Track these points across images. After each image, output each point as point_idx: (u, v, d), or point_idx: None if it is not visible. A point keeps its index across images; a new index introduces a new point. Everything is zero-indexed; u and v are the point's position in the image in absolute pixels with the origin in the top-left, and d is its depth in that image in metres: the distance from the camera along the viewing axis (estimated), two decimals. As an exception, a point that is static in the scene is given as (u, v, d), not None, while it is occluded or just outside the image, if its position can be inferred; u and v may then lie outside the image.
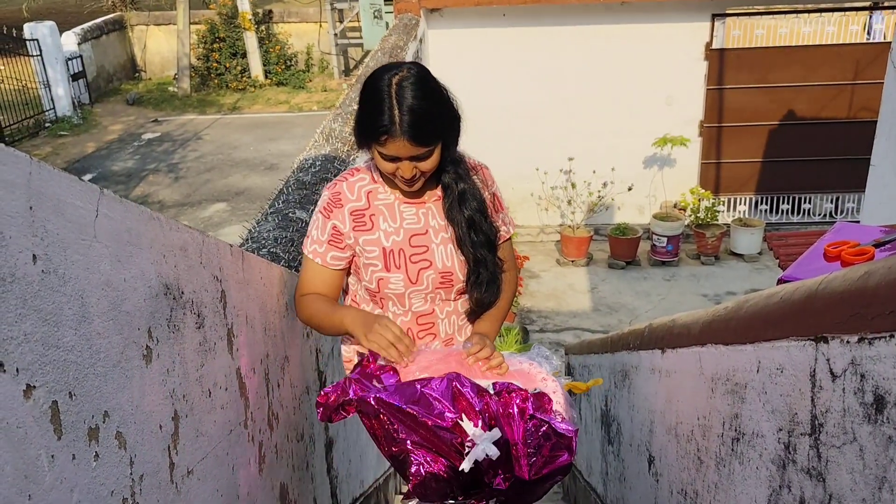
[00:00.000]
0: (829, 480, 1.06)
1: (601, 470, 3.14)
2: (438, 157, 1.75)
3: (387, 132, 1.66)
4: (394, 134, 1.65)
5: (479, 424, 1.57)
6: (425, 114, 1.65)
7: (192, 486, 1.31)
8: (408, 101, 1.64)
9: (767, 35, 8.01)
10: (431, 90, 1.69)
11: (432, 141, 1.70)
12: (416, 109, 1.64)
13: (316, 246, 1.87)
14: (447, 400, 1.58)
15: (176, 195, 9.99)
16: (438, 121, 1.70)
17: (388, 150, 1.69)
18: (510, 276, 2.02)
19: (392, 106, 1.64)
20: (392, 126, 1.65)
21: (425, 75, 1.70)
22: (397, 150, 1.68)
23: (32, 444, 0.84)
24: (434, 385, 1.60)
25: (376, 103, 1.66)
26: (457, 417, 1.56)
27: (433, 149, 1.72)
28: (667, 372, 1.95)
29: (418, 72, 1.70)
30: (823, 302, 1.06)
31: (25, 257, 0.84)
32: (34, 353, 0.85)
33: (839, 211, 8.60)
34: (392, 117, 1.64)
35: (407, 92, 1.64)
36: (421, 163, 1.72)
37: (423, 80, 1.68)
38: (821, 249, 2.02)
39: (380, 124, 1.66)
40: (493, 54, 8.12)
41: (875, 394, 0.93)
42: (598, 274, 7.96)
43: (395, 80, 1.66)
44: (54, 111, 12.66)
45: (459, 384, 1.59)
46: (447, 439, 1.57)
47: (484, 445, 1.54)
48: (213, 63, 14.57)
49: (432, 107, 1.68)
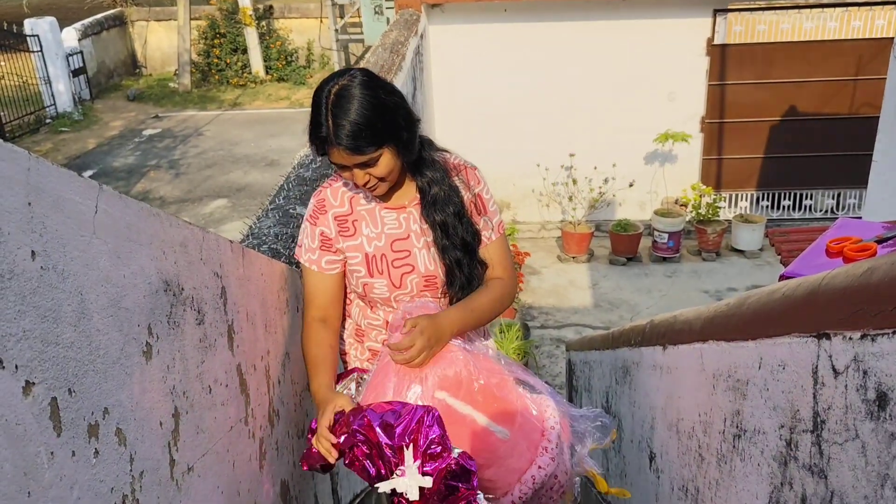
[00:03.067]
0: (830, 477, 1.05)
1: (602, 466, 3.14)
2: (392, 161, 1.73)
3: (325, 142, 1.69)
4: (330, 143, 1.68)
5: (418, 462, 1.56)
6: (360, 123, 1.65)
7: (192, 482, 1.30)
8: (342, 110, 1.65)
9: (769, 31, 7.99)
10: (371, 97, 1.67)
11: (370, 149, 1.68)
12: (351, 120, 1.65)
13: (309, 254, 1.89)
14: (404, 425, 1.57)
15: (177, 191, 9.98)
16: (376, 130, 1.68)
17: (332, 158, 1.72)
18: (501, 282, 1.93)
19: (328, 117, 1.67)
20: (327, 136, 1.67)
21: (367, 83, 1.69)
22: (339, 158, 1.71)
23: (32, 441, 0.84)
24: (404, 410, 1.59)
25: (316, 114, 1.69)
26: (405, 444, 1.56)
27: (376, 156, 1.70)
28: (668, 368, 1.95)
29: (361, 80, 1.69)
30: (826, 298, 1.05)
31: (24, 253, 0.84)
32: (33, 350, 0.85)
33: (841, 207, 8.58)
34: (327, 127, 1.67)
35: (343, 101, 1.66)
36: (371, 169, 1.72)
37: (362, 87, 1.68)
38: (823, 245, 2.02)
39: (318, 135, 1.69)
40: (495, 50, 8.11)
41: (878, 390, 0.93)
42: (599, 270, 7.95)
43: (334, 90, 1.68)
44: (55, 107, 12.65)
45: (427, 418, 1.57)
46: (387, 456, 1.57)
47: (411, 482, 1.54)
48: (214, 59, 14.55)
49: (369, 116, 1.66)
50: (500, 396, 1.76)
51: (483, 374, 1.76)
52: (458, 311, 1.82)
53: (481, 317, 1.88)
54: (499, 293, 1.92)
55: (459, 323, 1.79)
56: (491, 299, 1.89)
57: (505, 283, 1.95)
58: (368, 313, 1.98)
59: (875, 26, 7.82)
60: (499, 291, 1.92)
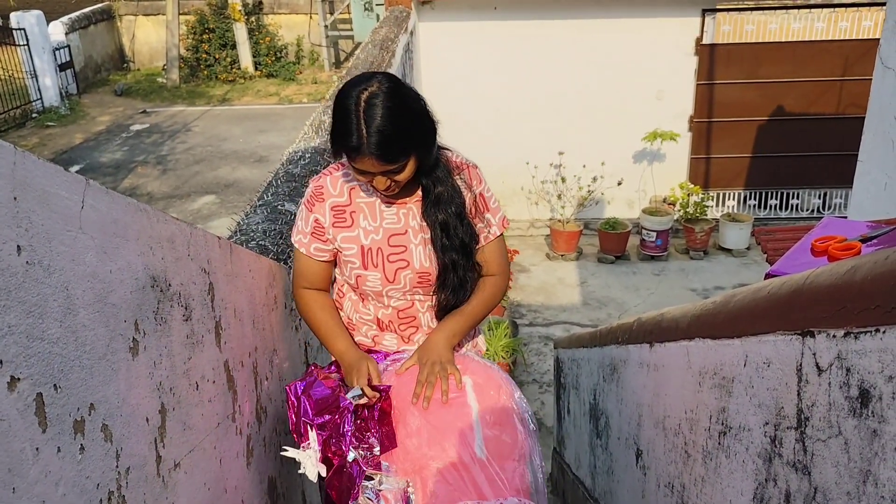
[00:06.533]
0: (814, 474, 1.06)
1: (589, 463, 3.15)
2: (414, 166, 1.73)
3: (356, 152, 1.65)
4: (362, 153, 1.64)
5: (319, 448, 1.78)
6: (393, 133, 1.63)
7: (179, 479, 1.30)
8: (375, 120, 1.61)
9: (757, 30, 8.03)
10: (400, 106, 1.65)
11: (401, 158, 1.67)
12: (383, 130, 1.62)
13: (301, 236, 1.91)
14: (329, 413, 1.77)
15: (165, 187, 9.93)
16: (408, 138, 1.67)
17: (358, 165, 1.69)
18: (493, 280, 1.97)
19: (360, 126, 1.62)
20: (360, 146, 1.63)
21: (395, 90, 1.66)
22: (367, 167, 1.68)
23: (17, 437, 0.83)
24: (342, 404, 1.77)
25: (345, 122, 1.64)
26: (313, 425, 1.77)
27: (404, 164, 1.70)
28: (655, 366, 1.96)
29: (389, 87, 1.65)
30: (810, 296, 1.06)
31: (9, 248, 0.83)
32: (18, 346, 0.84)
33: (827, 206, 8.64)
34: (360, 137, 1.62)
35: (375, 111, 1.61)
36: (395, 175, 1.71)
37: (391, 95, 1.64)
38: (808, 244, 2.03)
39: (348, 144, 1.64)
40: (484, 47, 8.11)
41: (860, 388, 0.94)
42: (587, 268, 7.97)
43: (363, 97, 1.62)
44: (41, 101, 12.55)
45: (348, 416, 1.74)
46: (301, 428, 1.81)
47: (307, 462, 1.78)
48: (203, 54, 14.47)
49: (401, 124, 1.64)
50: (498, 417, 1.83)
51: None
52: (455, 325, 1.92)
53: (475, 320, 1.97)
54: (489, 292, 1.97)
55: (456, 338, 1.92)
56: (483, 299, 1.96)
57: (496, 280, 1.98)
58: (360, 307, 1.98)
59: (862, 27, 7.88)
60: (489, 290, 1.97)
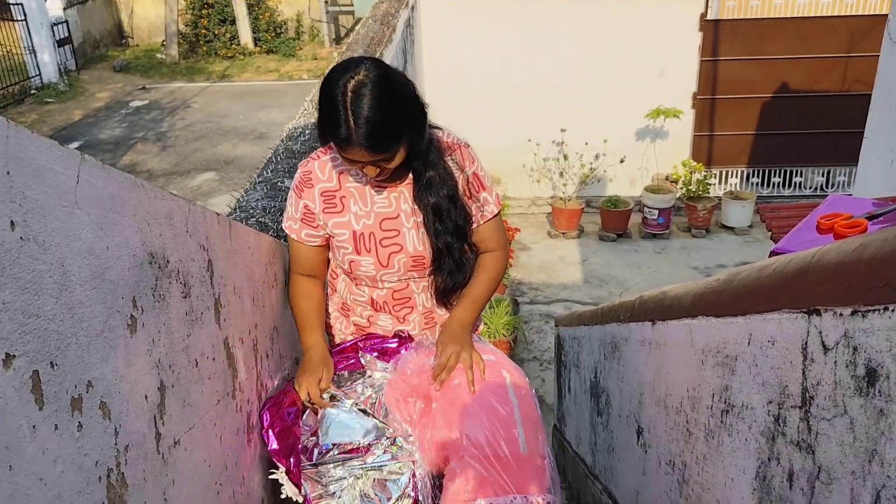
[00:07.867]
0: (818, 453, 1.06)
1: (590, 441, 3.16)
2: (405, 152, 1.69)
3: (345, 143, 1.60)
4: (352, 144, 1.59)
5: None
6: (382, 123, 1.58)
7: (179, 456, 1.30)
8: (364, 111, 1.55)
9: (762, 6, 7.93)
10: (389, 94, 1.59)
11: (392, 147, 1.63)
12: (372, 120, 1.56)
13: (291, 223, 1.89)
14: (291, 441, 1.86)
15: (164, 164, 9.89)
16: (398, 126, 1.62)
17: (348, 155, 1.65)
18: (494, 256, 1.95)
19: (348, 117, 1.56)
20: (349, 137, 1.58)
21: (383, 77, 1.59)
22: (357, 157, 1.63)
23: (13, 415, 0.83)
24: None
25: (332, 113, 1.58)
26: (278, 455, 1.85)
27: (395, 152, 1.65)
28: (657, 344, 1.95)
29: (377, 75, 1.58)
30: (817, 274, 1.05)
31: (3, 223, 0.82)
32: (13, 322, 0.83)
33: (830, 184, 8.60)
34: (348, 129, 1.57)
35: (363, 101, 1.55)
36: (385, 163, 1.67)
37: (379, 83, 1.57)
38: (813, 222, 2.02)
39: (337, 136, 1.59)
40: (486, 22, 8.02)
41: (867, 367, 0.92)
42: (589, 246, 7.95)
43: (349, 86, 1.56)
44: (40, 78, 12.47)
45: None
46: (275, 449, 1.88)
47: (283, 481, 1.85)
48: (202, 30, 14.35)
49: (390, 113, 1.59)
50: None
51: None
52: (468, 312, 1.91)
53: (483, 302, 1.97)
54: (493, 269, 1.96)
55: (471, 322, 1.91)
56: (487, 280, 1.95)
57: (497, 256, 1.97)
58: (354, 289, 1.98)
59: (869, 3, 7.77)
60: (492, 268, 1.96)
